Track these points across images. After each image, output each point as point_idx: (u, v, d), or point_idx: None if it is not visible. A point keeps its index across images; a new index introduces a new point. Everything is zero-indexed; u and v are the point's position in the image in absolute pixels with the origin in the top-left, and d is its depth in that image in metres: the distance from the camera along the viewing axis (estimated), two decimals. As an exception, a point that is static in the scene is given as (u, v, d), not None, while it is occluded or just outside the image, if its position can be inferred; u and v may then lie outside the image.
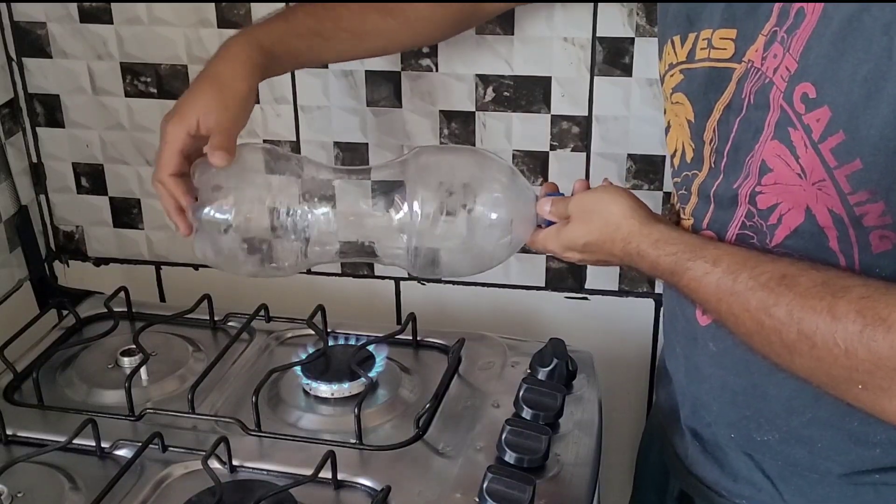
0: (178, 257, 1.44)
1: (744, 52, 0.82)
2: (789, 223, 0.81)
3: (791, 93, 0.77)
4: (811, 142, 0.75)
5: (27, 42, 1.33)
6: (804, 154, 0.76)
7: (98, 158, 1.39)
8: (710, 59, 0.85)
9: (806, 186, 0.77)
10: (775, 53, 0.79)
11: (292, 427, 1.06)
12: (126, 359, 1.15)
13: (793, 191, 0.79)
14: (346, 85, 1.28)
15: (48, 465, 1.00)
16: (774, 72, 0.79)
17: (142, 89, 1.33)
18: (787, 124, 0.77)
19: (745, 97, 0.82)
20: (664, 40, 0.92)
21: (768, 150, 0.80)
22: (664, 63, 0.92)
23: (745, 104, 0.82)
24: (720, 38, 0.84)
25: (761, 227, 0.83)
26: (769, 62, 0.79)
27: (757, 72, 0.81)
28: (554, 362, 1.09)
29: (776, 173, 0.80)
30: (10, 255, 1.36)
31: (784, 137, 0.78)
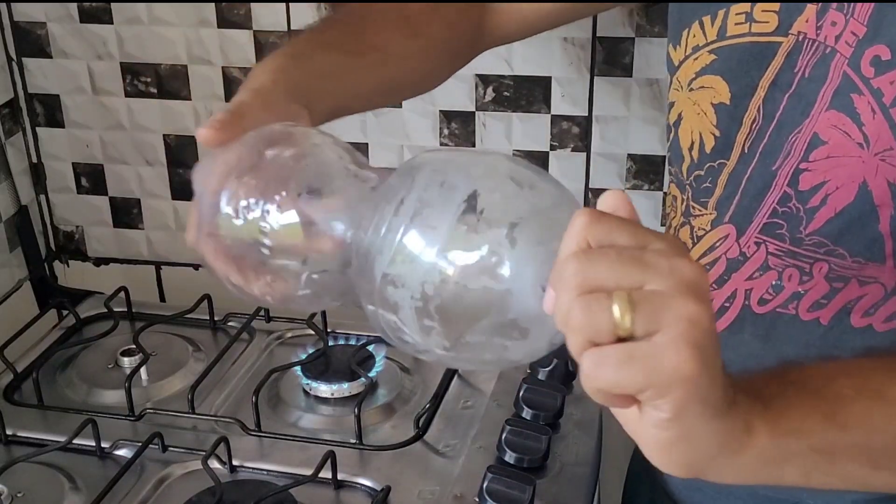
0: (178, 257, 1.44)
1: (790, 24, 0.77)
2: (835, 204, 0.76)
3: (859, 57, 0.73)
4: (881, 106, 0.72)
5: (27, 42, 1.33)
6: (870, 121, 0.73)
7: (98, 158, 1.39)
8: (750, 33, 0.79)
9: (866, 157, 0.73)
10: (833, 21, 0.75)
11: (292, 427, 1.06)
12: (126, 359, 1.15)
13: (848, 164, 0.75)
14: (346, 85, 1.28)
15: (48, 465, 1.00)
16: (836, 40, 0.74)
17: (142, 89, 1.33)
18: (850, 90, 0.73)
19: (798, 70, 0.77)
20: (688, 23, 0.85)
21: (823, 121, 0.75)
22: (685, 48, 0.85)
23: (798, 78, 0.77)
24: (762, 11, 0.78)
25: (797, 211, 0.78)
26: (827, 31, 0.75)
27: (813, 43, 0.76)
28: (554, 362, 1.09)
29: (831, 146, 0.75)
30: (10, 255, 1.36)
31: (845, 105, 0.74)
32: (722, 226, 0.84)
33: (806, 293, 0.81)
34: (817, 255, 0.79)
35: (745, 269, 0.83)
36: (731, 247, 0.84)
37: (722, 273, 0.85)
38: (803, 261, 0.80)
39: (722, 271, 0.85)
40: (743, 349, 0.85)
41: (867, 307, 0.80)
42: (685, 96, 0.86)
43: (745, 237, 0.83)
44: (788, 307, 0.81)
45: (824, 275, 0.79)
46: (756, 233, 0.82)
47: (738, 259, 0.83)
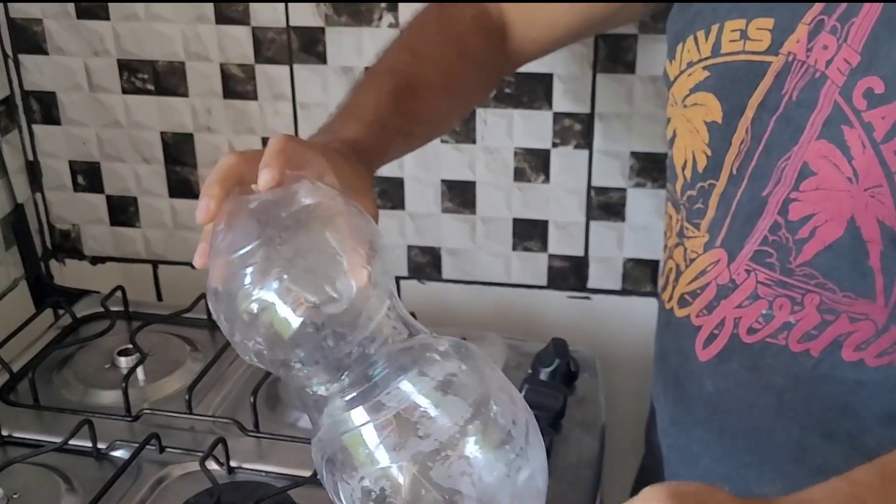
0: (175, 256, 1.43)
1: (781, 44, 0.75)
2: (824, 237, 0.74)
3: (851, 88, 0.70)
4: (871, 141, 0.69)
5: (23, 39, 1.32)
6: (860, 155, 0.70)
7: (95, 156, 1.38)
8: (744, 51, 0.77)
9: (855, 193, 0.71)
10: (825, 44, 0.72)
11: (291, 428, 1.05)
12: (123, 358, 1.15)
13: (836, 198, 0.72)
14: (345, 82, 1.27)
15: (44, 466, 0.99)
16: (827, 65, 0.72)
17: (139, 86, 1.32)
18: (842, 122, 0.71)
19: (785, 93, 0.75)
20: (681, 38, 0.84)
21: (812, 150, 0.73)
22: (679, 62, 0.84)
23: (785, 101, 0.75)
24: (756, 29, 0.76)
25: (786, 241, 0.76)
26: (818, 54, 0.73)
27: (802, 65, 0.74)
28: (556, 362, 1.08)
29: (820, 177, 0.73)
30: (5, 253, 1.35)
31: (835, 136, 0.72)
32: (714, 250, 0.82)
33: (797, 323, 0.79)
34: (808, 287, 0.77)
35: (734, 296, 0.81)
36: (721, 272, 0.82)
37: (711, 299, 0.83)
38: (794, 291, 0.78)
39: (712, 297, 0.83)
40: (731, 379, 0.83)
41: (858, 342, 0.77)
42: (679, 112, 0.85)
43: (735, 263, 0.81)
44: (778, 337, 0.80)
45: (816, 306, 0.77)
46: (747, 260, 0.80)
47: (727, 286, 0.81)
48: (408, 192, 1.32)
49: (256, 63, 1.28)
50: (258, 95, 1.30)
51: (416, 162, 1.29)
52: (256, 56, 1.27)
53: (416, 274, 1.37)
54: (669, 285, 0.89)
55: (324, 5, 1.23)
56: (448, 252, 1.35)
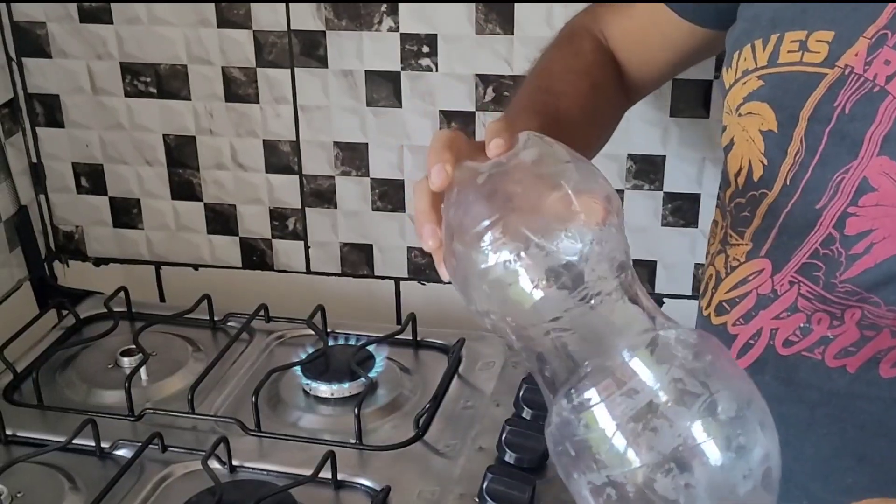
0: (177, 257, 1.44)
1: (838, 57, 0.74)
2: (878, 254, 0.73)
3: None
4: None
5: (27, 42, 1.33)
6: None
7: (98, 158, 1.39)
8: (802, 62, 0.76)
9: None
10: (887, 59, 0.71)
11: (292, 427, 1.06)
12: (126, 359, 1.15)
13: (894, 216, 0.71)
14: (345, 85, 1.28)
15: (48, 465, 1.00)
16: (888, 80, 0.71)
17: (141, 89, 1.33)
18: None
19: (837, 105, 0.74)
20: (739, 46, 0.82)
21: (874, 166, 0.72)
22: (735, 70, 0.82)
23: (837, 113, 0.74)
24: (816, 41, 0.75)
25: (839, 255, 0.75)
26: (878, 68, 0.72)
27: (859, 78, 0.73)
28: (554, 362, 1.09)
29: (880, 194, 0.72)
30: (9, 254, 1.36)
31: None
32: (757, 259, 0.81)
33: (835, 339, 0.77)
34: (850, 303, 0.76)
35: (774, 307, 0.80)
36: (764, 282, 0.81)
37: (750, 308, 0.82)
38: (834, 307, 0.77)
39: (751, 307, 0.82)
40: (764, 391, 0.81)
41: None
42: (735, 120, 0.84)
43: (780, 275, 0.79)
44: (815, 351, 0.78)
45: (856, 321, 0.76)
46: (793, 272, 0.78)
47: (768, 296, 0.80)
48: (408, 194, 1.32)
49: (258, 66, 1.29)
50: (259, 98, 1.30)
51: (416, 164, 1.30)
52: (258, 59, 1.28)
53: (416, 275, 1.38)
54: (708, 292, 0.88)
55: (325, 9, 1.24)
56: (448, 253, 1.35)
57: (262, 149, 1.33)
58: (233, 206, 1.38)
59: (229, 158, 1.35)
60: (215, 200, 1.38)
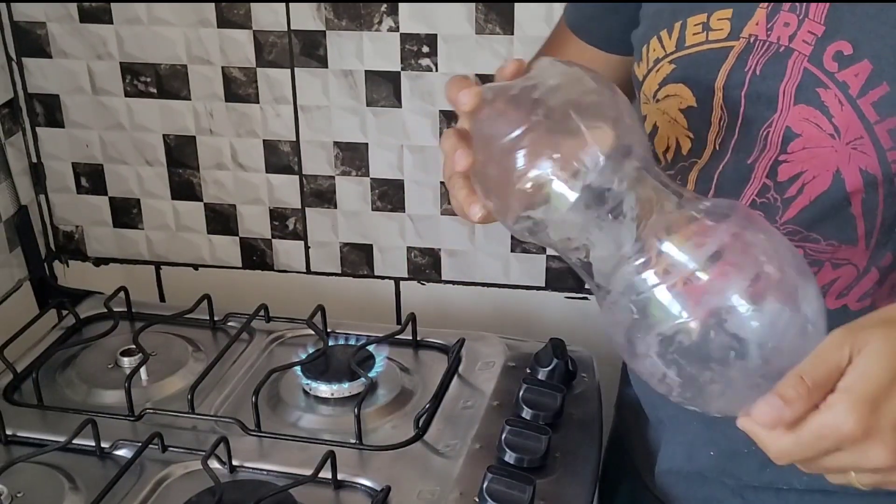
0: (177, 257, 1.44)
1: (740, 29, 0.81)
2: (811, 192, 0.79)
3: (820, 53, 0.76)
4: (848, 98, 0.75)
5: (27, 42, 1.33)
6: (839, 112, 0.76)
7: (98, 158, 1.39)
8: (707, 41, 0.83)
9: (838, 147, 0.76)
10: (786, 22, 0.78)
11: (292, 427, 1.06)
12: (126, 359, 1.15)
13: (822, 154, 0.77)
14: (345, 85, 1.28)
15: (48, 465, 1.00)
16: (791, 39, 0.78)
17: (142, 89, 1.33)
18: (815, 85, 0.76)
19: (748, 70, 0.80)
20: (645, 40, 0.88)
21: (793, 115, 0.78)
22: (646, 62, 0.88)
23: (749, 76, 0.80)
24: (717, 20, 0.83)
25: (775, 201, 0.81)
26: (779, 31, 0.79)
27: (764, 43, 0.80)
28: (554, 362, 1.09)
29: (805, 138, 0.78)
30: (9, 255, 1.36)
31: (812, 99, 0.77)
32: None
33: None
34: (793, 242, 0.79)
35: None
36: None
37: None
38: None
39: None
40: None
41: (841, 289, 0.82)
42: (654, 108, 0.89)
43: None
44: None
45: None
46: None
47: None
48: (408, 195, 1.32)
49: (258, 66, 1.29)
50: (259, 98, 1.30)
51: (415, 164, 1.30)
52: (258, 59, 1.28)
53: (415, 275, 1.38)
54: None
55: (324, 9, 1.24)
56: (447, 253, 1.36)
57: (262, 149, 1.34)
58: (233, 206, 1.38)
59: (229, 158, 1.35)
60: (215, 200, 1.38)
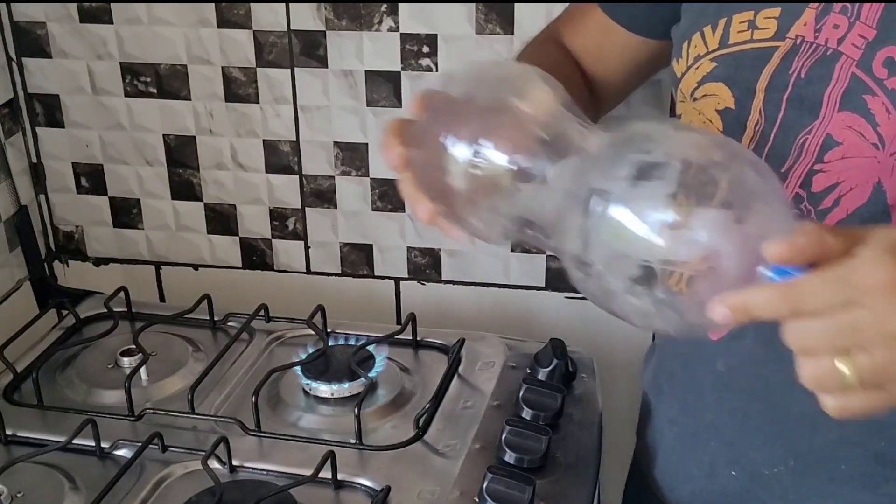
0: (177, 257, 1.44)
1: (787, 29, 0.78)
2: (848, 205, 0.76)
3: (870, 59, 0.73)
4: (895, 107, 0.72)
5: (27, 42, 1.33)
6: (885, 121, 0.73)
7: (98, 158, 1.39)
8: (752, 40, 0.80)
9: (882, 158, 0.73)
10: (836, 24, 0.75)
11: (292, 427, 1.06)
12: (126, 359, 1.15)
13: (862, 165, 0.74)
14: (345, 85, 1.28)
15: (48, 465, 1.00)
16: (839, 42, 0.75)
17: (142, 89, 1.33)
18: (863, 92, 0.74)
19: (793, 72, 0.77)
20: (687, 36, 0.85)
21: (836, 122, 0.75)
22: (686, 58, 0.85)
23: (794, 80, 0.77)
24: (764, 18, 0.80)
25: (808, 213, 0.78)
26: (828, 33, 0.76)
27: (811, 45, 0.77)
28: (554, 362, 1.09)
29: (845, 146, 0.75)
30: (9, 255, 1.36)
31: (858, 106, 0.74)
32: None
33: None
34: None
35: None
36: None
37: None
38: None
39: None
40: (744, 355, 0.84)
41: None
42: (690, 107, 0.86)
43: None
44: None
45: None
46: None
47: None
48: (408, 194, 1.32)
49: (258, 66, 1.29)
50: (259, 98, 1.30)
51: (415, 164, 1.30)
52: (258, 59, 1.28)
53: (415, 275, 1.38)
54: None
55: (324, 9, 1.24)
56: (447, 253, 1.36)
57: (262, 149, 1.34)
58: (233, 206, 1.38)
59: (229, 158, 1.35)
60: (215, 200, 1.38)
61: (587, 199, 0.64)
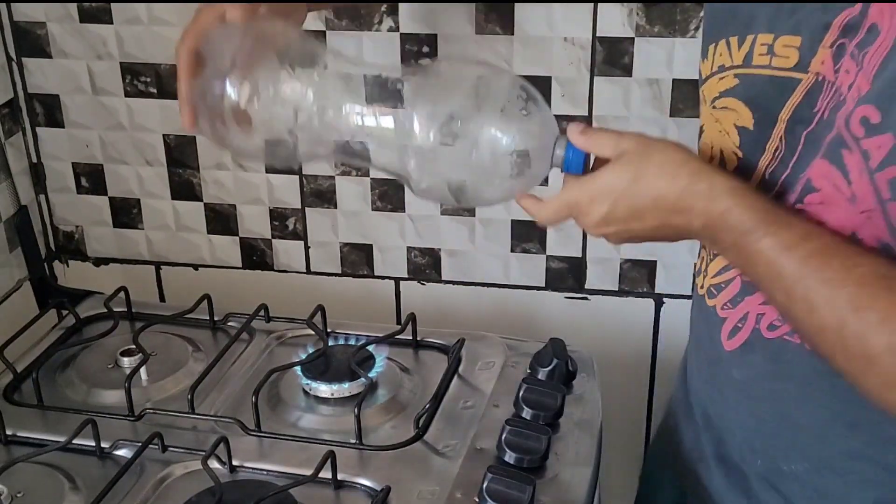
0: (177, 257, 1.44)
1: (808, 63, 0.76)
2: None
3: (852, 113, 0.71)
4: (867, 169, 0.70)
5: (27, 42, 1.33)
6: (858, 180, 0.71)
7: (98, 158, 1.39)
8: (770, 66, 0.79)
9: (854, 213, 0.72)
10: (847, 69, 0.73)
11: (292, 427, 1.06)
12: (126, 359, 1.15)
13: (838, 213, 0.74)
14: (345, 85, 1.28)
15: (48, 465, 1.00)
16: (849, 89, 0.73)
17: (141, 89, 1.33)
18: (841, 146, 0.72)
19: (818, 111, 0.76)
20: (713, 39, 0.85)
21: (816, 169, 0.75)
22: (711, 63, 0.85)
23: (818, 118, 0.76)
24: (783, 46, 0.78)
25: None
26: (842, 78, 0.74)
27: (832, 87, 0.75)
28: (554, 362, 1.09)
29: (822, 194, 0.75)
30: (9, 255, 1.36)
31: (836, 159, 0.73)
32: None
33: None
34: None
35: (758, 294, 0.82)
36: None
37: (736, 294, 0.85)
38: None
39: (736, 292, 0.85)
40: (756, 369, 0.85)
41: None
42: (708, 111, 0.86)
43: None
44: (794, 336, 0.80)
45: None
46: None
47: (751, 283, 0.82)
48: (408, 195, 1.32)
49: (258, 66, 1.29)
50: (259, 98, 1.30)
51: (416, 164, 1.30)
52: (258, 59, 1.28)
53: (416, 275, 1.38)
54: (701, 273, 0.92)
55: (324, 9, 1.24)
56: (447, 253, 1.36)
57: (262, 149, 1.33)
58: (233, 206, 1.38)
59: (229, 158, 1.35)
60: (215, 200, 1.39)
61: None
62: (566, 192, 0.81)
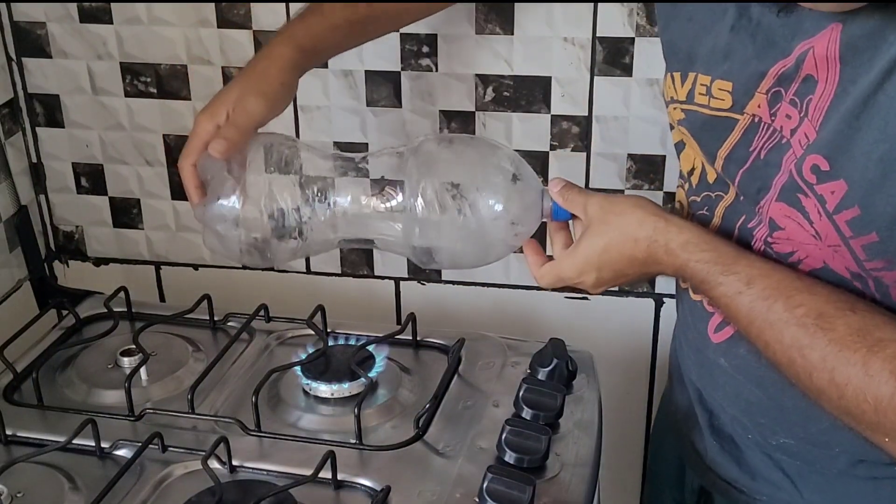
0: (177, 257, 1.44)
1: (743, 105, 0.80)
2: (806, 267, 0.79)
3: (802, 161, 0.75)
4: (825, 211, 0.74)
5: (27, 42, 1.33)
6: (818, 220, 0.75)
7: (98, 158, 1.39)
8: (709, 106, 0.83)
9: (821, 247, 0.76)
10: (788, 114, 0.77)
11: (292, 427, 1.06)
12: (126, 359, 1.15)
13: (807, 247, 0.78)
14: (345, 85, 1.28)
15: (48, 465, 1.00)
16: (792, 134, 0.76)
17: (141, 89, 1.33)
18: (797, 191, 0.76)
19: (753, 150, 0.80)
20: (666, 69, 0.90)
21: (776, 210, 0.79)
22: (665, 91, 0.90)
23: (753, 158, 0.80)
24: (718, 89, 0.82)
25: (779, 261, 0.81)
26: (782, 121, 0.77)
27: (768, 128, 0.79)
28: (554, 362, 1.09)
29: (788, 231, 0.78)
30: (9, 255, 1.36)
31: (794, 202, 0.76)
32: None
33: None
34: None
35: None
36: None
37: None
38: None
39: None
40: (741, 360, 0.88)
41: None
42: (677, 129, 0.90)
43: None
44: None
45: None
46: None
47: None
48: (408, 194, 1.32)
49: (258, 66, 1.29)
50: (259, 98, 1.30)
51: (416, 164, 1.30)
52: (258, 59, 1.28)
53: (416, 275, 1.38)
54: None
55: (324, 9, 1.24)
56: (448, 253, 1.35)
57: (262, 149, 1.33)
58: (233, 206, 1.38)
59: (229, 158, 1.35)
60: (215, 200, 1.38)
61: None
62: (557, 266, 0.91)
